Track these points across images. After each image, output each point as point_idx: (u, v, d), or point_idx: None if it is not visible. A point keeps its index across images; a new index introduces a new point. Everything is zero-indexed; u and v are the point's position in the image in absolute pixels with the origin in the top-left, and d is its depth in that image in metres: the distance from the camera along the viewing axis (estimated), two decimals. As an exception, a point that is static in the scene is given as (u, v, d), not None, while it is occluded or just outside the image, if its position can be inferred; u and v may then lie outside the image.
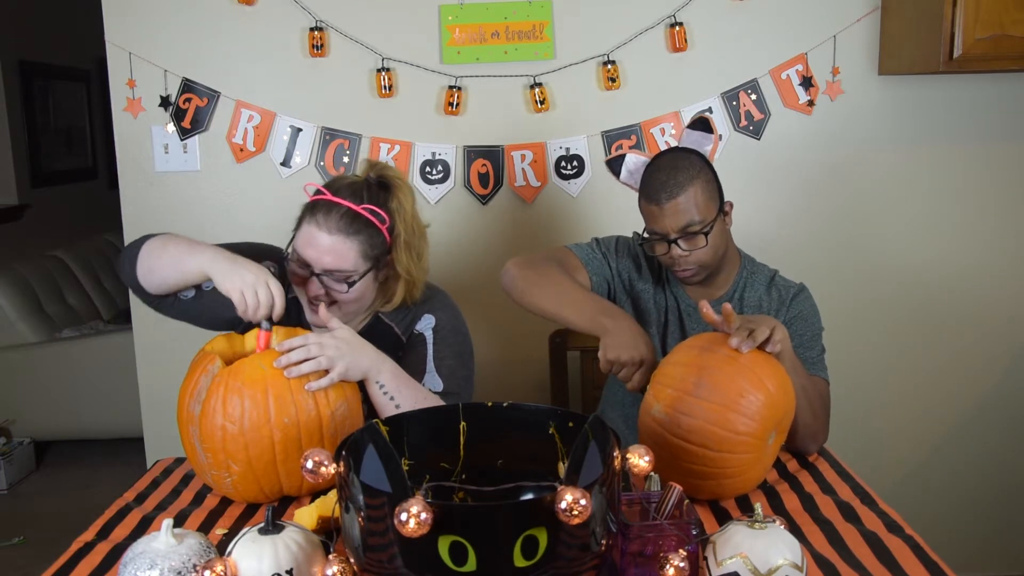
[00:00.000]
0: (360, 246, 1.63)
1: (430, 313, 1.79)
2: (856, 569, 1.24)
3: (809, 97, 2.47)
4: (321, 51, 2.41)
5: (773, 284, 1.87)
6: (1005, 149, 2.53)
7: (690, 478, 1.41)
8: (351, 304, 1.69)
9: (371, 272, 1.67)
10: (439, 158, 2.46)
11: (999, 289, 2.60)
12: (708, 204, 1.75)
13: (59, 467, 3.98)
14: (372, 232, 1.64)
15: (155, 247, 1.67)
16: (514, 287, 1.84)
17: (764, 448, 1.43)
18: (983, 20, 2.14)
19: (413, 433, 1.25)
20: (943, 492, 2.69)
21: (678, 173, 1.73)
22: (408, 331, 1.79)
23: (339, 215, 1.62)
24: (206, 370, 1.50)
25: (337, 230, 1.62)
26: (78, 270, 4.59)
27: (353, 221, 1.63)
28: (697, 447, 1.39)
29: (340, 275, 1.63)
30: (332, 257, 1.62)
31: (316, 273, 1.64)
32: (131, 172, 2.48)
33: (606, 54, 2.44)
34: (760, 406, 1.39)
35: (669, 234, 1.74)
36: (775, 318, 1.55)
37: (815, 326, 1.81)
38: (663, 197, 1.73)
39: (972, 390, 2.65)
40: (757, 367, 1.42)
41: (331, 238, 1.61)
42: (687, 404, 1.40)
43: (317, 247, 1.62)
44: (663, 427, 1.43)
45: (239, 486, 1.49)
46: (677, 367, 1.46)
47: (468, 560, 0.96)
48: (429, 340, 1.76)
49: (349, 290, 1.64)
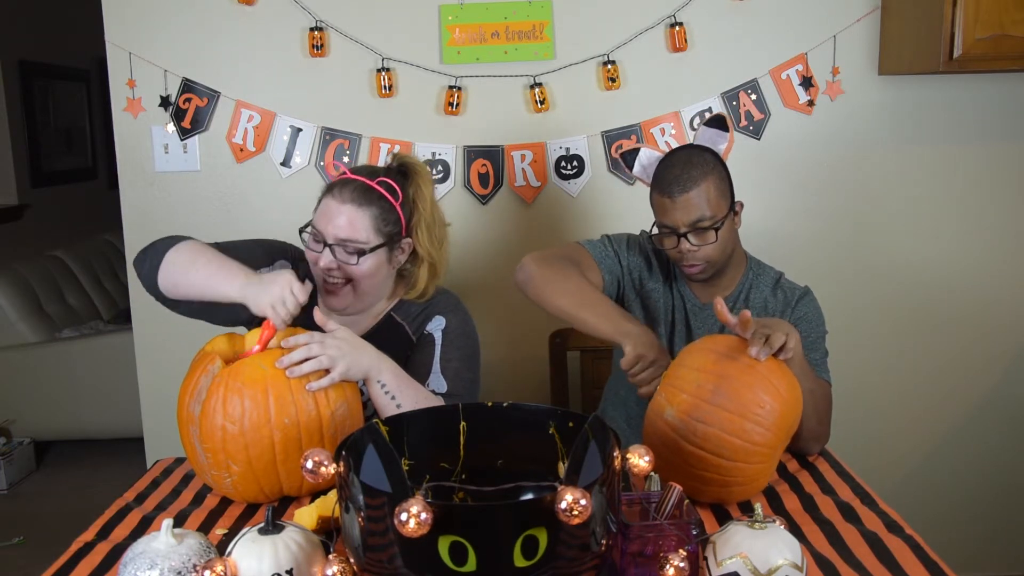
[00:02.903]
0: (372, 218, 1.68)
1: (441, 315, 1.80)
2: (856, 569, 1.24)
3: (809, 97, 2.47)
4: (321, 51, 2.41)
5: (779, 286, 1.87)
6: (1005, 149, 2.53)
7: (698, 483, 1.41)
8: (364, 282, 1.70)
9: (383, 249, 1.70)
10: (439, 158, 2.46)
11: (999, 289, 2.60)
12: (719, 201, 1.75)
13: (59, 467, 3.98)
14: (386, 207, 1.70)
15: (181, 261, 1.66)
16: (531, 283, 1.82)
17: (776, 457, 1.43)
18: (983, 20, 2.14)
19: (413, 433, 1.25)
20: (943, 492, 2.69)
21: (692, 168, 1.74)
22: (419, 331, 1.80)
23: (353, 187, 1.69)
24: (206, 370, 1.50)
25: (350, 200, 1.67)
26: (78, 270, 4.59)
27: (366, 193, 1.68)
28: (710, 455, 1.38)
29: (352, 246, 1.67)
30: (344, 226, 1.66)
31: (329, 244, 1.67)
32: (131, 172, 2.48)
33: (606, 54, 2.44)
34: (776, 416, 1.38)
35: (679, 228, 1.75)
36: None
37: (819, 329, 1.82)
38: (675, 190, 1.73)
39: (972, 390, 2.65)
40: (773, 376, 1.41)
41: (344, 207, 1.67)
42: (703, 411, 1.39)
43: (330, 216, 1.67)
44: (676, 432, 1.41)
45: (239, 486, 1.49)
46: (692, 371, 1.44)
47: (468, 560, 0.96)
48: (437, 341, 1.77)
49: (359, 262, 1.67)
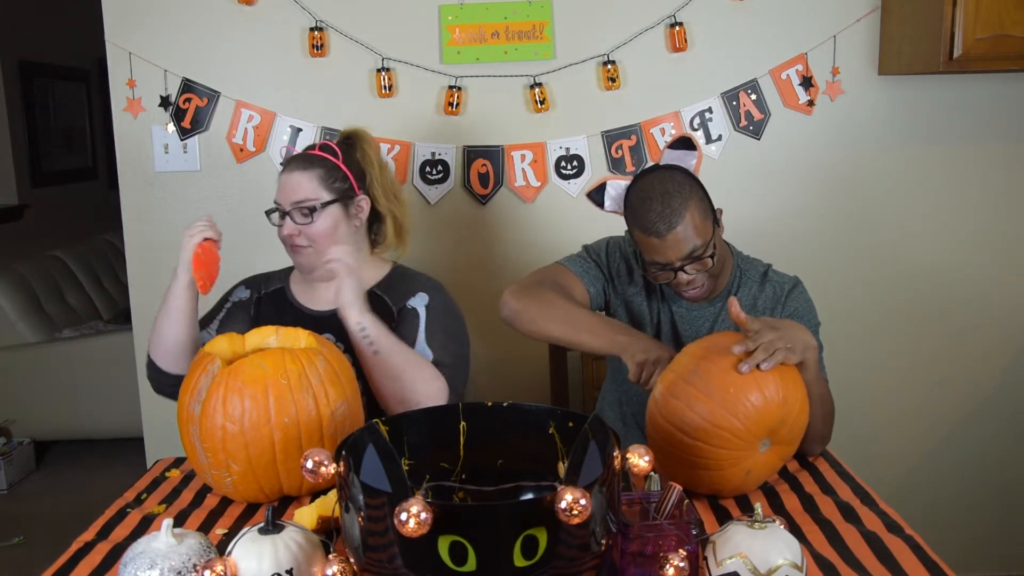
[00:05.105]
0: (319, 178, 1.81)
1: (425, 292, 1.87)
2: (856, 569, 1.24)
3: (809, 97, 2.47)
4: (321, 51, 2.41)
5: (767, 280, 1.84)
6: (1005, 149, 2.53)
7: (670, 462, 1.46)
8: (323, 240, 1.80)
9: (337, 205, 1.82)
10: (439, 158, 2.46)
11: (999, 289, 2.60)
12: (705, 224, 1.69)
13: (59, 467, 3.98)
14: (329, 166, 1.83)
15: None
16: (517, 319, 1.81)
17: (746, 450, 1.42)
18: (983, 20, 2.14)
19: (413, 433, 1.25)
20: (943, 492, 2.69)
21: (671, 199, 1.67)
22: (400, 304, 1.85)
23: (296, 157, 1.86)
24: (206, 370, 1.50)
25: (296, 168, 1.82)
26: (78, 270, 4.59)
27: (308, 158, 1.84)
28: (676, 430, 1.43)
29: (304, 205, 1.79)
30: (295, 188, 1.80)
31: (286, 212, 1.81)
32: (131, 172, 2.48)
33: (606, 54, 2.44)
34: (748, 407, 1.38)
35: (674, 263, 1.70)
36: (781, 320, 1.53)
37: (811, 323, 1.79)
38: (662, 229, 1.66)
39: (972, 390, 2.65)
40: (771, 375, 1.41)
41: (292, 175, 1.82)
42: (677, 387, 1.44)
43: (282, 187, 1.83)
44: (657, 407, 1.47)
45: (239, 486, 1.49)
46: (686, 355, 1.49)
47: (468, 560, 0.96)
48: (422, 316, 1.83)
49: (315, 219, 1.79)
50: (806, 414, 1.47)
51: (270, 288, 1.94)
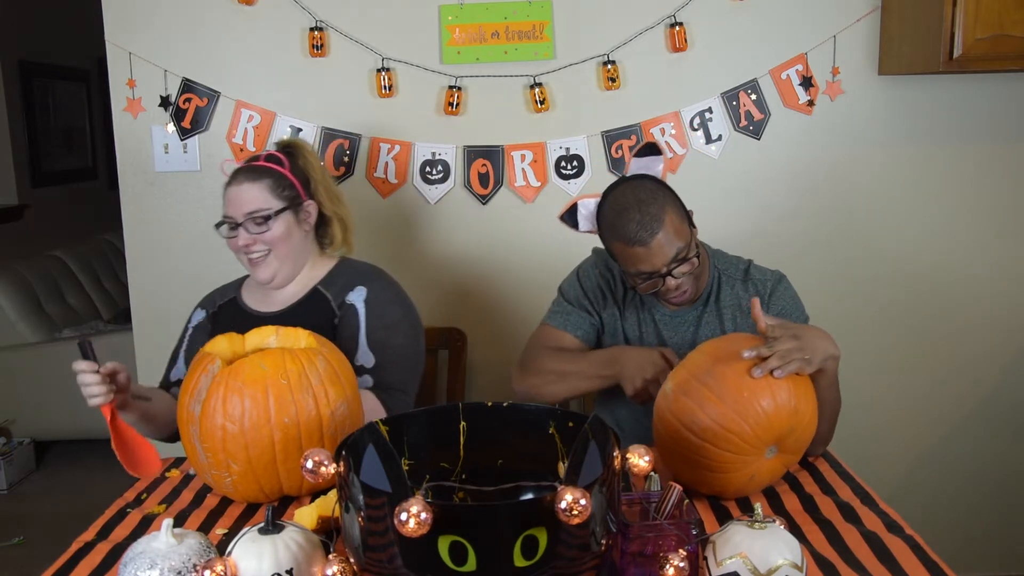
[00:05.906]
0: (268, 187, 1.85)
1: (362, 285, 1.90)
2: (856, 569, 1.24)
3: (809, 97, 2.47)
4: (321, 51, 2.41)
5: (749, 278, 1.83)
6: (1005, 149, 2.53)
7: (674, 460, 1.47)
8: (281, 246, 1.85)
9: (288, 212, 1.86)
10: (439, 158, 2.46)
11: (999, 289, 2.59)
12: (683, 226, 1.71)
13: (59, 467, 3.98)
14: (277, 176, 1.87)
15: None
16: (529, 397, 1.88)
17: (752, 455, 1.42)
18: (983, 20, 2.14)
19: (413, 433, 1.25)
20: (943, 492, 2.69)
21: (648, 206, 1.67)
22: (340, 300, 1.88)
23: (242, 170, 1.89)
24: (206, 370, 1.50)
25: (244, 180, 1.85)
26: (78, 270, 4.59)
27: (254, 170, 1.88)
28: (683, 428, 1.42)
29: (257, 215, 1.82)
30: (247, 200, 1.83)
31: (239, 223, 1.83)
32: (131, 172, 2.48)
33: (606, 54, 2.44)
34: (760, 413, 1.38)
35: (660, 270, 1.70)
36: None
37: (799, 319, 1.78)
38: (645, 236, 1.66)
39: (972, 390, 2.65)
40: (784, 380, 1.41)
41: (241, 187, 1.85)
42: (690, 386, 1.44)
43: (232, 200, 1.85)
44: (667, 403, 1.47)
45: (239, 486, 1.49)
46: (700, 354, 1.49)
47: (468, 560, 0.96)
48: (361, 313, 1.86)
49: (269, 226, 1.83)
50: (815, 425, 1.47)
51: (224, 300, 1.98)
